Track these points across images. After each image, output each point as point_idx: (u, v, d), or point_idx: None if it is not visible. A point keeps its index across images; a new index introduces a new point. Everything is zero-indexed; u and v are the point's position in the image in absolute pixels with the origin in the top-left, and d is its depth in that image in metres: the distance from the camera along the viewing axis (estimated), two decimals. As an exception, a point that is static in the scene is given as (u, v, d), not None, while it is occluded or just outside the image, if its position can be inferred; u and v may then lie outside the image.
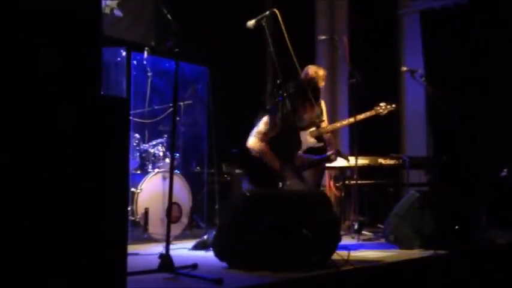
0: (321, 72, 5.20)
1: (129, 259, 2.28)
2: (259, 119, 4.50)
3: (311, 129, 5.23)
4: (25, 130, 1.96)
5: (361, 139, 5.06)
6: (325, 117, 5.42)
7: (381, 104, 5.02)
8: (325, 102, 5.53)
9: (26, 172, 1.95)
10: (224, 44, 6.92)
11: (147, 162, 5.11)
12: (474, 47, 6.86)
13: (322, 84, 5.26)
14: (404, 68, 5.52)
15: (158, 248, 3.58)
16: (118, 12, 6.46)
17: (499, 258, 4.18)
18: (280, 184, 4.14)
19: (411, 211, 4.23)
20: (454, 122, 6.08)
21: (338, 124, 5.38)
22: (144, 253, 3.87)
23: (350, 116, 5.40)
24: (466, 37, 6.96)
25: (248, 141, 4.40)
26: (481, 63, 6.76)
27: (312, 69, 5.20)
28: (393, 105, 5.03)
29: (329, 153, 4.66)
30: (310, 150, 5.17)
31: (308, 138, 5.23)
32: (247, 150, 4.35)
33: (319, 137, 5.27)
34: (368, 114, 5.15)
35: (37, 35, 2.10)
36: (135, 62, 5.08)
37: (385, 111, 5.03)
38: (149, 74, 5.26)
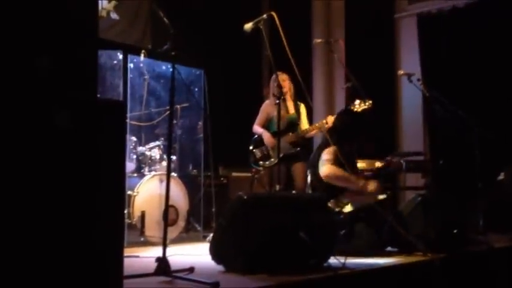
0: (278, 77, 5.19)
1: (126, 262, 2.27)
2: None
3: (287, 135, 5.21)
4: (20, 134, 1.95)
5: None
6: (304, 121, 5.41)
7: (356, 102, 4.79)
8: (322, 105, 5.54)
9: (21, 176, 1.94)
10: (220, 47, 6.93)
11: (143, 165, 5.10)
12: (471, 50, 6.88)
13: (282, 86, 5.23)
14: (401, 72, 5.52)
15: (155, 251, 3.57)
16: (114, 15, 6.46)
17: (496, 262, 4.18)
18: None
19: (413, 215, 4.22)
20: (451, 126, 6.09)
21: (311, 127, 5.31)
22: (141, 256, 3.85)
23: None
24: (462, 40, 6.98)
25: (321, 171, 4.20)
26: (478, 67, 6.77)
27: (273, 77, 5.20)
28: (367, 103, 4.78)
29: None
30: (285, 156, 5.14)
31: (283, 145, 5.18)
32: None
33: (295, 142, 5.24)
34: None
35: (32, 38, 2.10)
36: (131, 65, 5.07)
37: (359, 110, 4.83)
38: (146, 76, 5.26)
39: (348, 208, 4.13)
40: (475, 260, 4.05)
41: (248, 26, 4.35)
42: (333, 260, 3.30)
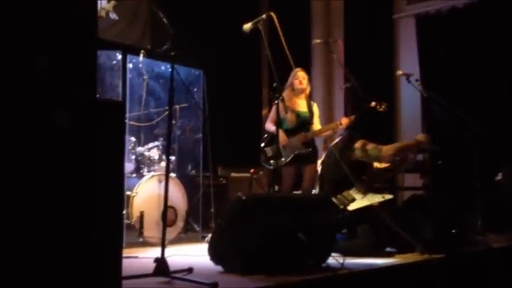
0: (298, 73, 5.20)
1: (125, 263, 2.27)
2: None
3: (299, 134, 5.21)
4: (19, 133, 1.95)
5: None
6: (316, 121, 5.40)
7: (371, 105, 4.75)
8: (321, 105, 5.53)
9: (20, 176, 1.94)
10: (220, 47, 6.93)
11: (142, 165, 5.09)
12: (469, 50, 6.88)
13: (297, 84, 5.24)
14: (399, 72, 5.52)
15: (153, 252, 3.57)
16: (113, 16, 6.46)
17: (495, 262, 4.18)
18: None
19: (411, 215, 4.23)
20: (449, 126, 6.10)
21: (325, 128, 5.32)
22: (140, 257, 3.85)
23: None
24: (461, 41, 6.99)
25: (383, 154, 4.30)
26: (477, 67, 6.79)
27: (293, 71, 5.21)
28: (383, 106, 4.76)
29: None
30: (297, 156, 5.14)
31: (295, 144, 5.18)
32: None
33: (307, 142, 5.23)
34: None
35: (31, 38, 2.10)
36: (130, 65, 5.07)
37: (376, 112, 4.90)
38: (145, 77, 5.25)
39: (352, 206, 4.13)
40: (473, 260, 4.05)
41: (247, 26, 4.36)
42: (331, 261, 3.31)
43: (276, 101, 4.26)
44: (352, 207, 4.13)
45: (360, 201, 4.14)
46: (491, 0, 6.80)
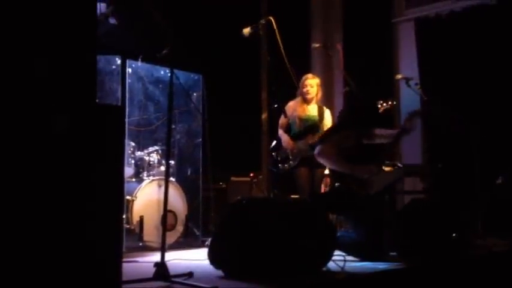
0: (304, 82, 5.21)
1: (124, 267, 2.26)
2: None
3: (308, 136, 5.21)
4: (18, 138, 1.95)
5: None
6: (327, 125, 5.40)
7: (379, 102, 4.79)
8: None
9: (19, 181, 1.94)
10: (219, 52, 6.93)
11: (142, 170, 5.09)
12: (468, 54, 6.89)
13: (304, 93, 5.25)
14: (399, 76, 5.53)
15: (153, 256, 3.56)
16: (112, 20, 6.46)
17: (496, 266, 4.18)
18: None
19: (411, 219, 4.22)
20: (449, 130, 6.10)
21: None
22: (139, 261, 3.84)
23: None
24: (460, 44, 7.00)
25: None
26: (476, 70, 6.79)
27: (302, 79, 5.21)
28: (390, 103, 4.79)
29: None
30: (305, 159, 5.14)
31: (302, 147, 5.19)
32: None
33: (314, 145, 5.24)
34: None
35: (31, 43, 2.10)
36: (130, 69, 5.07)
37: (381, 109, 4.82)
38: (144, 81, 5.26)
39: (374, 188, 4.12)
40: (474, 264, 4.04)
41: (246, 30, 4.37)
42: (331, 264, 3.30)
43: (275, 105, 4.27)
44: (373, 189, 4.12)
45: (378, 181, 4.13)
46: (490, 4, 6.82)
